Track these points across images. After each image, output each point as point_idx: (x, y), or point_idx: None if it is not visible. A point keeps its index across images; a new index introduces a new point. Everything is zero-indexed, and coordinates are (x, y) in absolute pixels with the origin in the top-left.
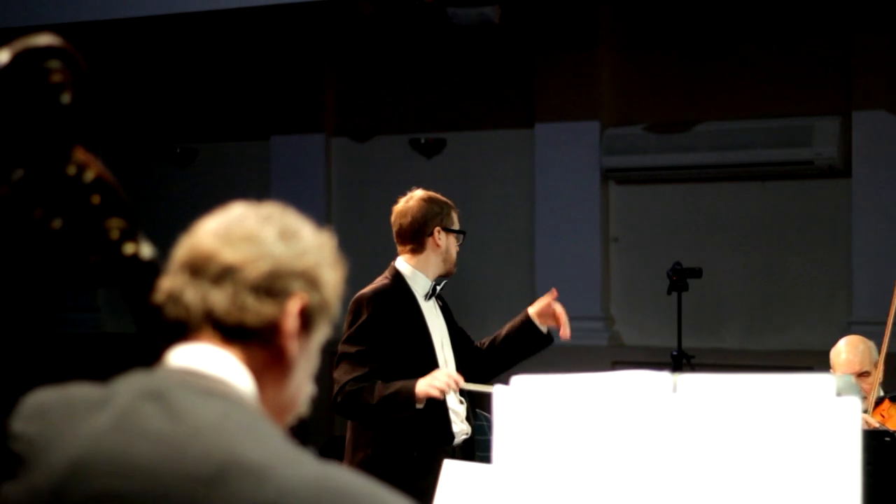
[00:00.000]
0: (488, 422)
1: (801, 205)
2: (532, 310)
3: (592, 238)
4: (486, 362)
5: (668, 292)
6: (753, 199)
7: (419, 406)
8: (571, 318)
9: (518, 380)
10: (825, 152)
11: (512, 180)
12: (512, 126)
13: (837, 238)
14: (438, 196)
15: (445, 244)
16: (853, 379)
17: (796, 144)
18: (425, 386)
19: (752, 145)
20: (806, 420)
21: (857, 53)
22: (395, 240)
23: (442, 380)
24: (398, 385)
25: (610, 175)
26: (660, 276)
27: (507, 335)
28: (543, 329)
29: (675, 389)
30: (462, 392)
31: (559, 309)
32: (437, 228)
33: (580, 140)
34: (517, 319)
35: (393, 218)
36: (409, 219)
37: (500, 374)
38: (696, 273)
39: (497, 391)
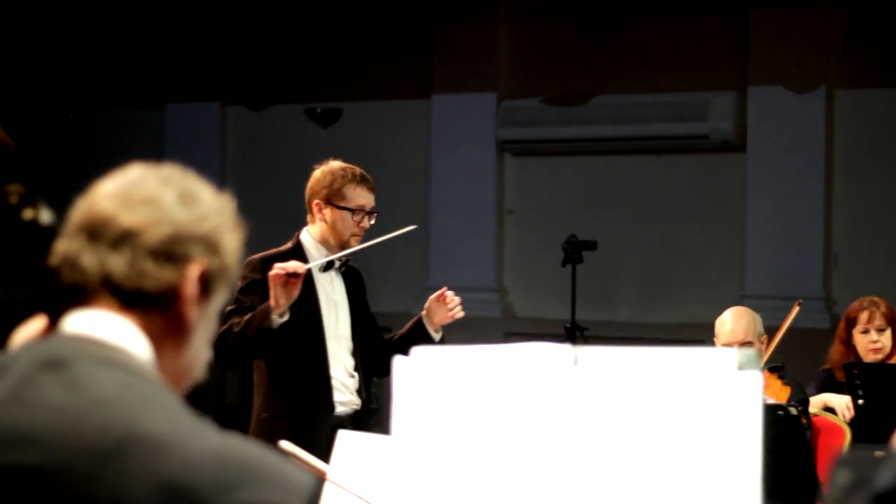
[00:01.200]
0: (376, 388)
1: (696, 179)
2: (424, 312)
3: (487, 210)
4: (386, 358)
5: (563, 265)
6: (649, 172)
7: (278, 313)
8: (465, 290)
9: (418, 351)
10: (721, 127)
11: (408, 151)
12: (409, 97)
13: (731, 212)
14: (339, 168)
15: (331, 218)
16: (755, 353)
17: (692, 119)
18: (270, 280)
19: (649, 119)
20: (707, 394)
21: (754, 28)
22: None
23: (284, 267)
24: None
25: (506, 147)
26: (554, 249)
27: (401, 336)
28: (435, 335)
29: (576, 362)
30: (355, 367)
31: (449, 296)
32: (317, 202)
33: (477, 111)
34: (410, 323)
35: None
36: (306, 189)
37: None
38: (591, 246)
39: (397, 362)
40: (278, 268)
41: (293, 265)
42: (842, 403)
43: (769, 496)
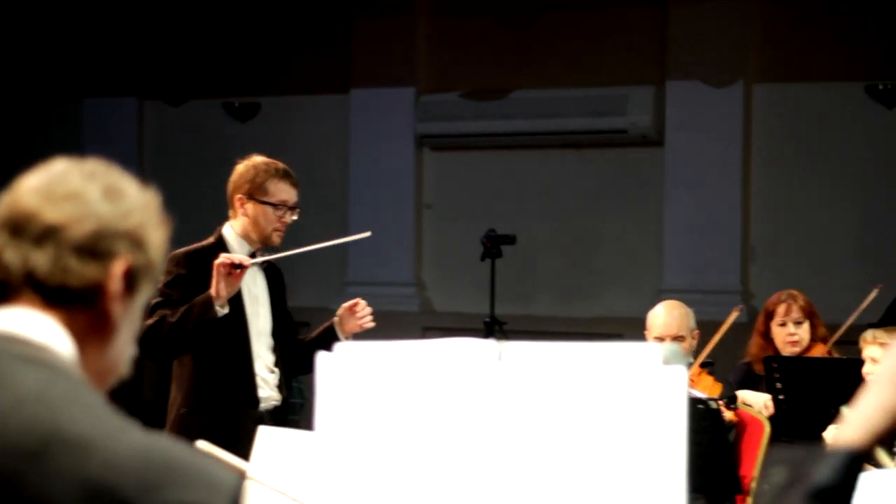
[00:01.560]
0: (300, 384)
1: (616, 173)
2: (336, 319)
3: (406, 204)
4: (299, 356)
5: (482, 259)
6: (568, 167)
7: (220, 304)
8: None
9: (343, 346)
10: (639, 121)
11: (326, 146)
12: (327, 91)
13: (650, 207)
14: (262, 163)
15: (253, 213)
16: (679, 347)
17: (611, 113)
18: (215, 269)
19: (568, 113)
20: (633, 388)
21: (672, 23)
22: None
23: (230, 258)
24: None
25: (425, 141)
26: (473, 243)
27: (311, 340)
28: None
29: (500, 357)
30: (275, 362)
31: (361, 306)
32: (239, 196)
33: (395, 106)
34: (322, 327)
35: None
36: (229, 183)
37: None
38: (510, 240)
39: (320, 358)
40: (224, 258)
41: (239, 257)
42: (759, 402)
43: (691, 490)
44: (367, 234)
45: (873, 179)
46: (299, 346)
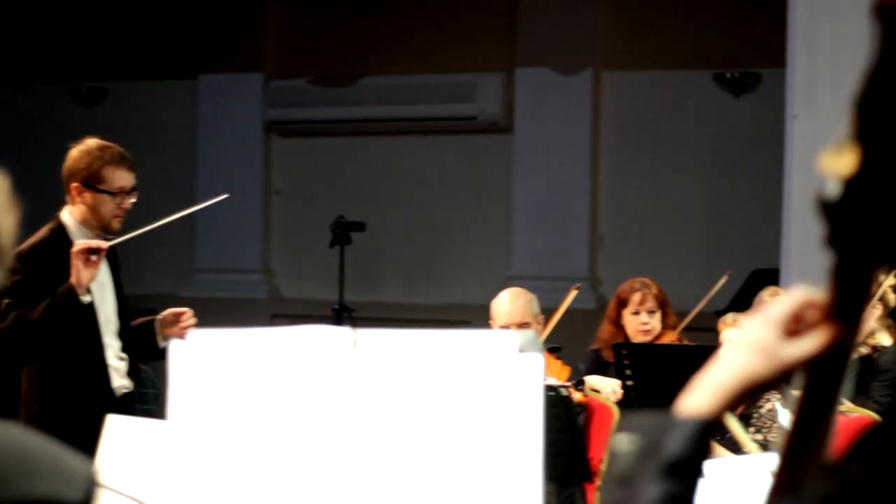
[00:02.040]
0: (148, 374)
1: (464, 160)
2: (160, 317)
3: (254, 190)
4: (132, 344)
5: (331, 246)
6: (417, 153)
7: (82, 292)
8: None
9: (196, 334)
10: (488, 108)
11: (174, 131)
12: (175, 77)
13: (498, 194)
14: (96, 149)
15: (91, 201)
16: (536, 335)
17: (460, 100)
18: (74, 257)
19: (417, 100)
20: (491, 376)
21: (521, 10)
22: None
23: (87, 243)
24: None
25: (273, 127)
26: (322, 230)
27: (133, 329)
28: (161, 343)
29: (355, 345)
30: (122, 348)
31: (186, 316)
32: (75, 185)
33: (244, 92)
34: (143, 320)
35: None
36: (63, 170)
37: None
38: (360, 227)
39: (173, 346)
40: (81, 244)
41: (95, 242)
42: (607, 387)
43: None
44: (225, 196)
45: (721, 167)
46: (131, 332)
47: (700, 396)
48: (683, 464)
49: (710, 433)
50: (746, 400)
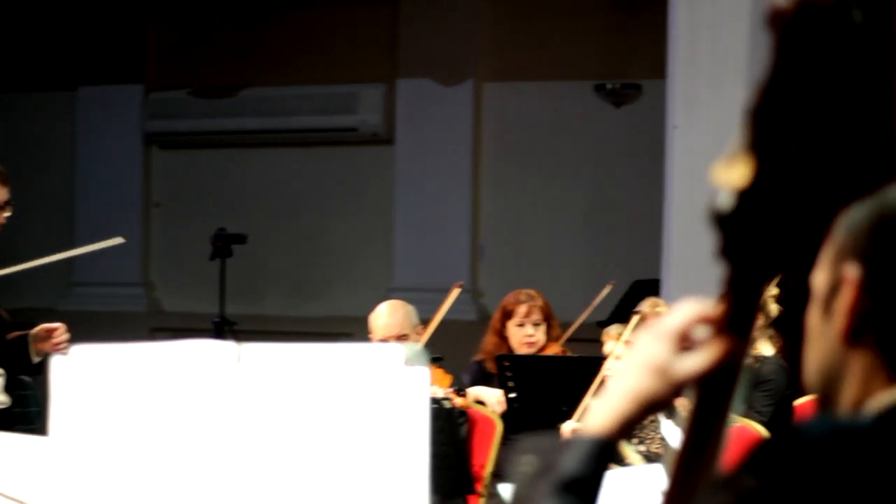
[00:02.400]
0: (34, 393)
1: (346, 172)
2: (34, 332)
3: (133, 203)
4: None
5: (212, 258)
6: (299, 165)
7: None
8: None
9: (77, 349)
10: (370, 119)
11: (52, 144)
12: (53, 89)
13: (380, 205)
14: None
15: None
16: (422, 348)
17: (342, 111)
18: None
19: (298, 111)
20: (376, 389)
21: (403, 21)
22: None
23: None
24: None
25: (153, 139)
26: (203, 242)
27: (7, 343)
28: (34, 358)
29: (239, 359)
30: (1, 363)
31: (59, 332)
32: None
33: (123, 104)
34: (16, 334)
35: None
36: None
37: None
38: (241, 239)
39: (54, 362)
40: None
41: None
42: (492, 398)
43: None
44: (120, 240)
45: (602, 178)
46: (4, 347)
47: (596, 416)
48: (579, 482)
49: (608, 452)
50: (643, 418)
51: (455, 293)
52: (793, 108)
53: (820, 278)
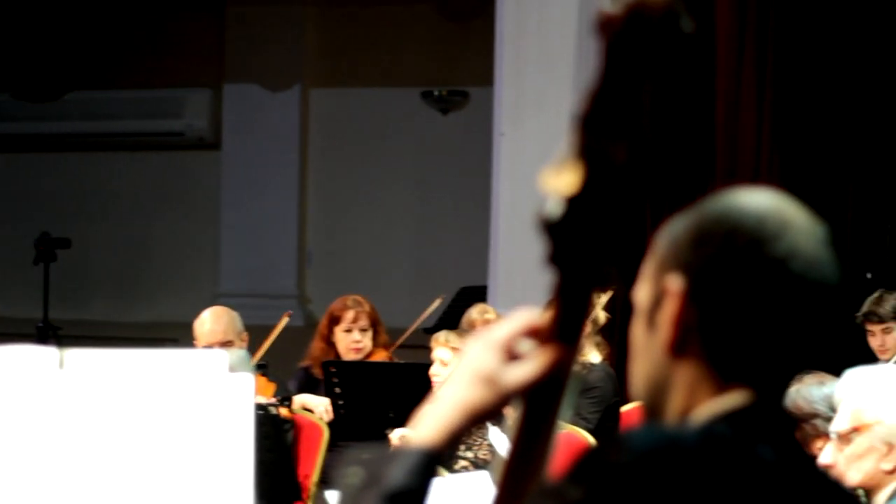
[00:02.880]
0: None
1: (172, 176)
2: None
3: None
4: None
5: (35, 263)
6: (124, 169)
7: None
8: None
9: None
10: (196, 124)
11: None
12: None
13: (206, 211)
14: None
15: None
16: (246, 354)
17: (167, 116)
18: None
19: (123, 116)
20: (200, 395)
21: (230, 26)
22: None
23: None
24: None
25: None
26: (26, 246)
27: None
28: None
29: (61, 365)
30: None
31: None
32: None
33: None
34: None
35: None
36: None
37: None
38: (65, 243)
39: None
40: None
41: None
42: (320, 406)
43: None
44: None
45: (430, 184)
46: None
47: (424, 427)
48: (405, 495)
49: (434, 464)
50: (472, 428)
51: (284, 321)
52: (621, 116)
53: (643, 291)
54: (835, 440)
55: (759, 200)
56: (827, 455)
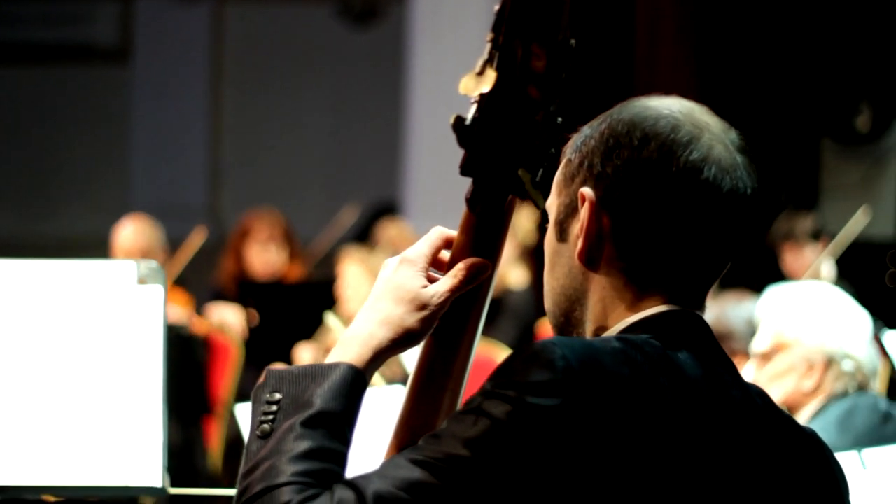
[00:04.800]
0: None
1: (81, 89)
2: None
3: None
4: None
5: None
6: (32, 82)
7: None
8: None
9: None
10: (105, 37)
11: None
12: None
13: (117, 124)
14: None
15: None
16: (158, 265)
17: (76, 27)
18: None
19: (31, 26)
20: (109, 307)
21: None
22: None
23: None
24: None
25: None
26: None
27: None
28: None
29: None
30: None
31: None
32: None
33: None
34: None
35: None
36: None
37: None
38: None
39: None
40: None
41: None
42: (231, 322)
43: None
44: None
45: (344, 99)
46: None
47: (347, 347)
48: (329, 416)
49: (362, 384)
50: (397, 349)
51: (198, 239)
52: (539, 20)
53: (554, 201)
54: (755, 359)
55: (670, 106)
56: (747, 374)
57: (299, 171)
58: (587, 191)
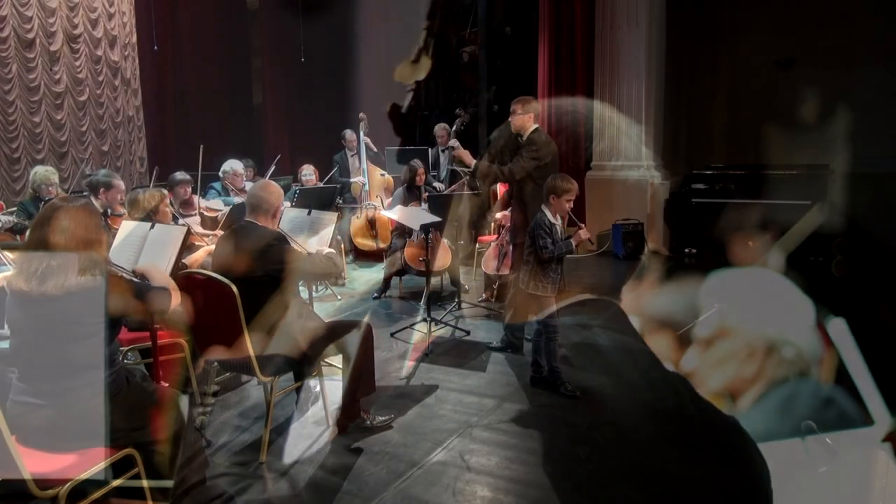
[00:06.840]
0: None
1: None
2: None
3: None
4: None
5: None
6: None
7: None
8: None
9: None
10: None
11: None
12: None
13: None
14: None
15: None
16: None
17: None
18: None
19: None
20: None
21: None
22: None
23: None
24: None
25: None
26: None
27: None
28: None
29: None
30: None
31: None
32: None
33: None
34: None
35: None
36: None
37: None
38: None
39: None
40: None
41: None
42: None
43: None
44: None
45: None
46: None
47: None
48: None
49: None
50: None
51: None
52: (470, 9)
53: None
54: (698, 345)
55: None
56: (691, 360)
57: None
58: None
